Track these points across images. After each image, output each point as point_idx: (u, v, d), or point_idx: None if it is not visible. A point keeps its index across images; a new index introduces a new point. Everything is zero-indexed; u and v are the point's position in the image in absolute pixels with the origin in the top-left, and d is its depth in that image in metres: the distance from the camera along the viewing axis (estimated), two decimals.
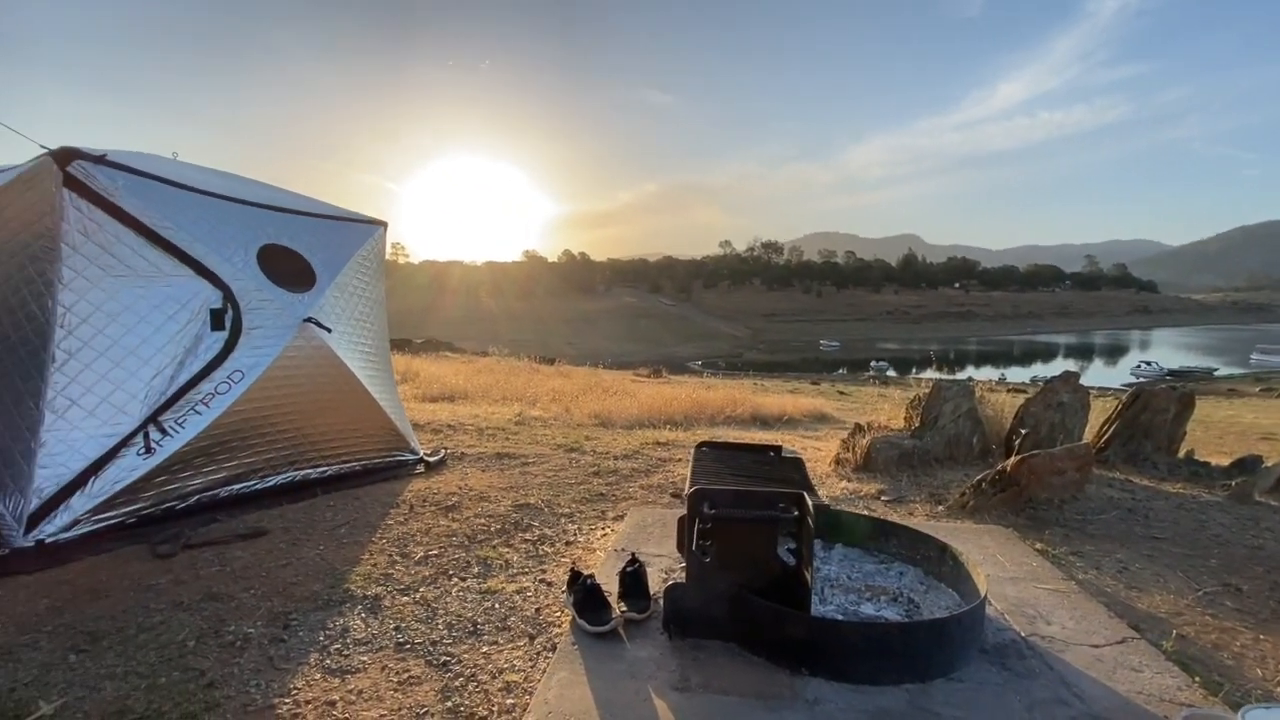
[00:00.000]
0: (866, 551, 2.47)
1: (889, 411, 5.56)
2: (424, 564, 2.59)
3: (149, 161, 2.95)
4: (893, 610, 2.07)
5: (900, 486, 3.87)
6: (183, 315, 2.78)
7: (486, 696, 1.73)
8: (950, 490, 3.72)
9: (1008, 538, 2.92)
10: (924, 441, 4.38)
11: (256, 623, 2.07)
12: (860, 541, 2.50)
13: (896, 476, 4.07)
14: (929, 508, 3.50)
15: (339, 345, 3.37)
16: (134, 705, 1.64)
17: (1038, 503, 3.36)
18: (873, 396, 12.41)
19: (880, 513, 3.35)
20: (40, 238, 2.56)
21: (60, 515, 2.51)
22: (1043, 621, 2.09)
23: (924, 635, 1.78)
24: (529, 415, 6.77)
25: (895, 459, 4.22)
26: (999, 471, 3.46)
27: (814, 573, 1.84)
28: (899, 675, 1.72)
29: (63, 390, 2.52)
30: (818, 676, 1.72)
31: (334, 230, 3.59)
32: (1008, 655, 1.88)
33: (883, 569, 2.35)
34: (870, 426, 4.72)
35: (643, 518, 3.11)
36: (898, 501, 3.61)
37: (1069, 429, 4.34)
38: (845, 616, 2.01)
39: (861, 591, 2.18)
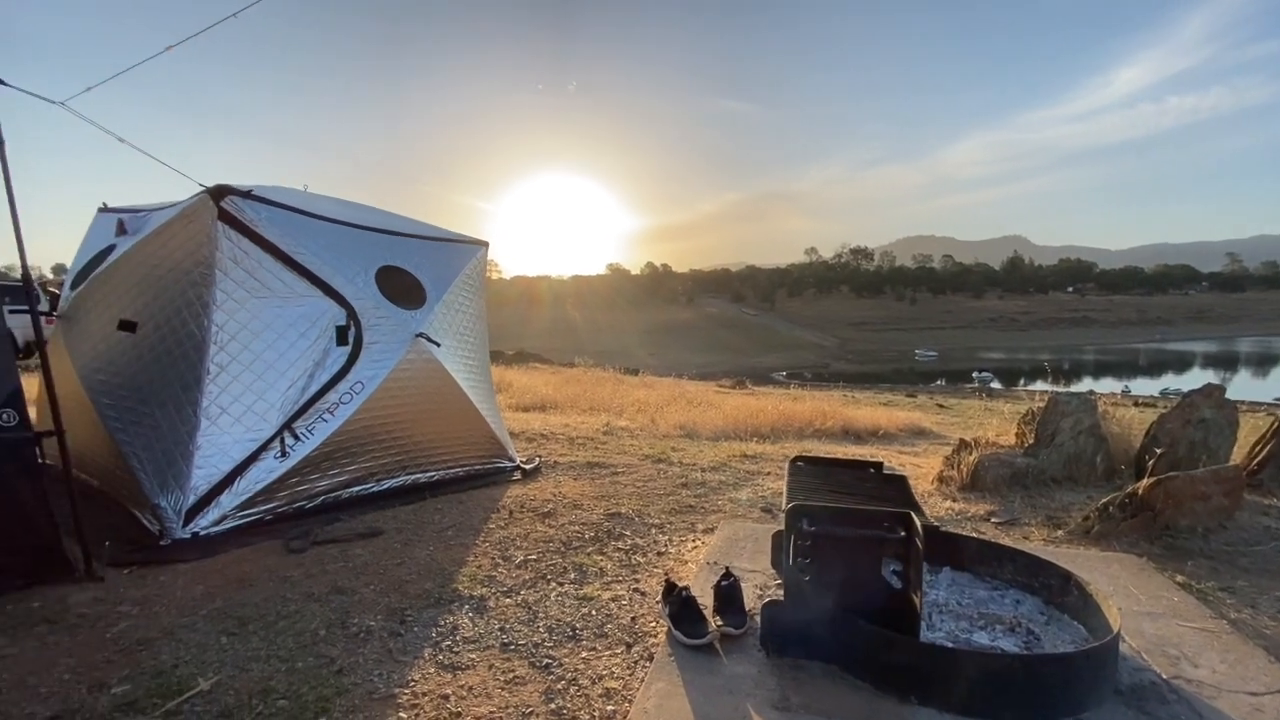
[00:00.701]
0: (977, 576, 2.33)
1: (997, 427, 5.21)
2: (524, 568, 2.70)
3: (285, 194, 3.29)
4: (1009, 641, 1.94)
5: (1012, 508, 3.61)
6: (313, 332, 3.08)
7: (587, 701, 1.77)
8: (1070, 513, 3.43)
9: (1141, 568, 2.66)
10: (1039, 460, 4.07)
11: (377, 616, 2.23)
12: (970, 565, 2.36)
13: (1008, 497, 3.80)
14: (1046, 532, 3.25)
15: (446, 358, 3.59)
16: (276, 686, 1.81)
17: (1177, 530, 3.03)
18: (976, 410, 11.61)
19: (990, 536, 3.15)
20: (199, 265, 2.92)
21: (211, 511, 2.82)
22: (1188, 663, 1.89)
23: (1049, 670, 1.66)
24: (616, 425, 6.88)
25: (1006, 478, 3.94)
26: (1129, 494, 3.15)
27: (923, 597, 1.75)
28: (1019, 711, 1.61)
29: (215, 399, 2.85)
30: (928, 706, 1.64)
31: (441, 251, 3.85)
32: (1146, 698, 1.71)
33: (996, 596, 2.21)
34: (977, 443, 4.44)
35: (734, 531, 3.08)
36: (1010, 524, 3.37)
37: (1212, 449, 3.89)
38: (956, 644, 1.91)
39: (973, 619, 2.06)
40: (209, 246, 2.88)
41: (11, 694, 1.76)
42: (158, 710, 1.69)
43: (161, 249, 3.14)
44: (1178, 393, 8.20)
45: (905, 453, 6.04)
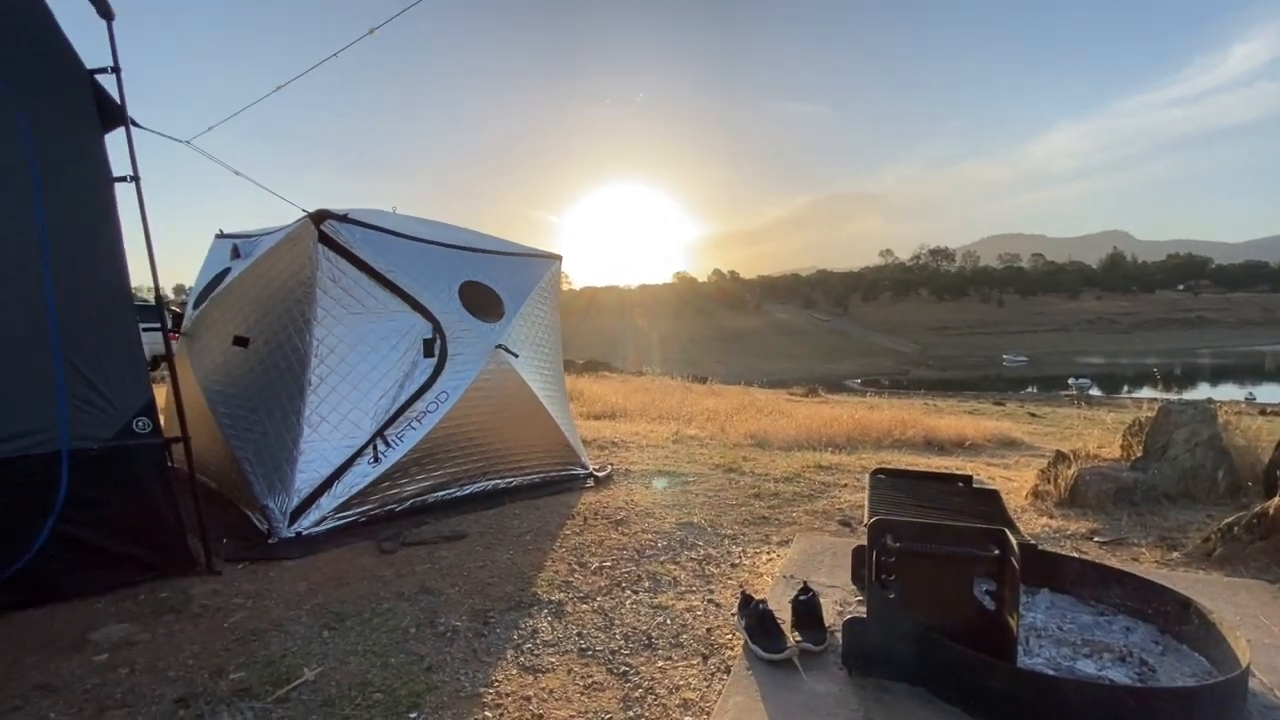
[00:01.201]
0: (1080, 600, 2.17)
1: (1098, 437, 4.84)
2: (599, 574, 2.74)
3: (376, 216, 3.52)
4: (1119, 671, 1.79)
5: (1119, 526, 3.34)
6: (402, 345, 3.27)
7: (665, 711, 1.78)
8: (1187, 534, 3.14)
9: (1274, 596, 2.39)
10: (1149, 474, 3.74)
11: (462, 616, 2.33)
12: (1072, 588, 2.21)
13: (1113, 515, 3.51)
14: (1159, 553, 2.98)
15: (523, 368, 3.72)
16: (373, 680, 1.93)
17: None
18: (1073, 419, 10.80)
19: (1094, 556, 2.92)
20: (302, 284, 3.17)
21: (313, 512, 3.04)
22: None
23: (1167, 705, 1.53)
24: (685, 434, 6.87)
25: (1111, 494, 3.65)
26: (1259, 514, 2.85)
27: (1019, 620, 1.66)
28: None
29: (316, 408, 3.07)
30: None
31: (518, 265, 4.00)
32: None
33: (1103, 622, 2.05)
34: (1076, 455, 4.14)
35: (811, 545, 3.01)
36: (1116, 544, 3.12)
37: None
38: (1058, 672, 1.78)
39: (1077, 645, 1.92)
40: (310, 267, 3.12)
41: (145, 676, 1.95)
42: (270, 696, 1.83)
43: (270, 270, 3.43)
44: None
45: (994, 465, 5.70)
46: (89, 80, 2.50)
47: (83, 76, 2.48)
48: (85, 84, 2.48)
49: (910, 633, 1.75)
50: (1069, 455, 4.00)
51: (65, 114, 2.42)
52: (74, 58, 2.46)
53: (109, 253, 2.48)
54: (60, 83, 2.42)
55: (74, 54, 2.46)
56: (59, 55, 2.42)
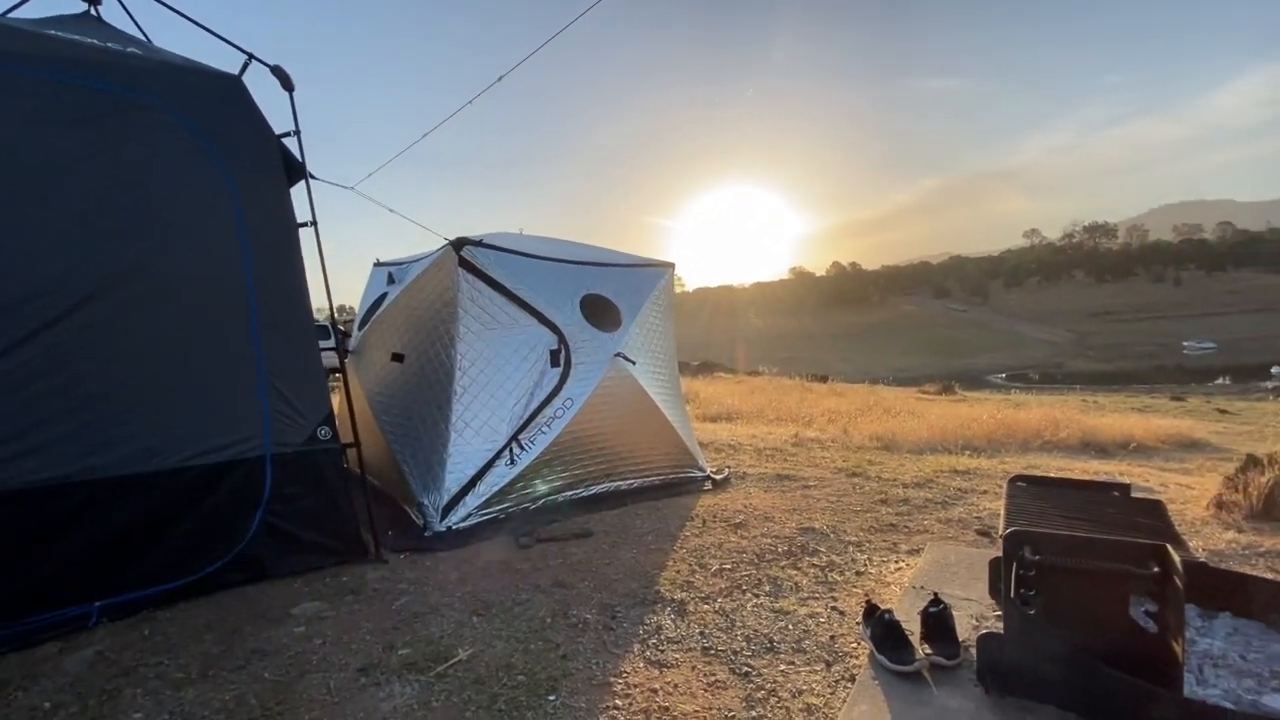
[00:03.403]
0: (1270, 626, 1.90)
1: None
2: (719, 576, 2.80)
3: (505, 239, 3.84)
4: None
5: None
6: (532, 356, 3.55)
7: (788, 714, 1.81)
8: None
9: None
10: None
11: (592, 609, 2.50)
12: (1260, 613, 1.94)
13: None
14: None
15: (641, 375, 3.88)
16: (515, 663, 2.13)
17: None
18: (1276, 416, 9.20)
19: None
20: (446, 305, 3.54)
21: (460, 509, 3.37)
22: None
23: None
24: (805, 436, 6.72)
25: None
26: None
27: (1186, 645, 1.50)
28: None
29: (461, 415, 3.41)
30: None
31: (633, 276, 4.17)
32: None
33: None
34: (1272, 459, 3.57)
35: (943, 555, 2.87)
36: None
37: None
38: (1237, 705, 1.59)
39: (1264, 678, 1.69)
40: (453, 289, 3.48)
41: (333, 647, 2.30)
42: (432, 671, 2.09)
43: (419, 293, 3.86)
44: None
45: (1169, 470, 5.04)
46: (278, 144, 2.98)
47: (273, 142, 2.96)
48: (275, 148, 2.96)
49: (1057, 653, 1.65)
50: (1263, 460, 3.46)
51: (262, 175, 2.90)
52: (266, 126, 2.95)
53: (295, 287, 2.94)
54: (257, 150, 2.91)
55: (266, 123, 2.95)
56: (256, 127, 2.91)
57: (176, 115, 2.75)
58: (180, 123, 2.75)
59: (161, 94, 2.73)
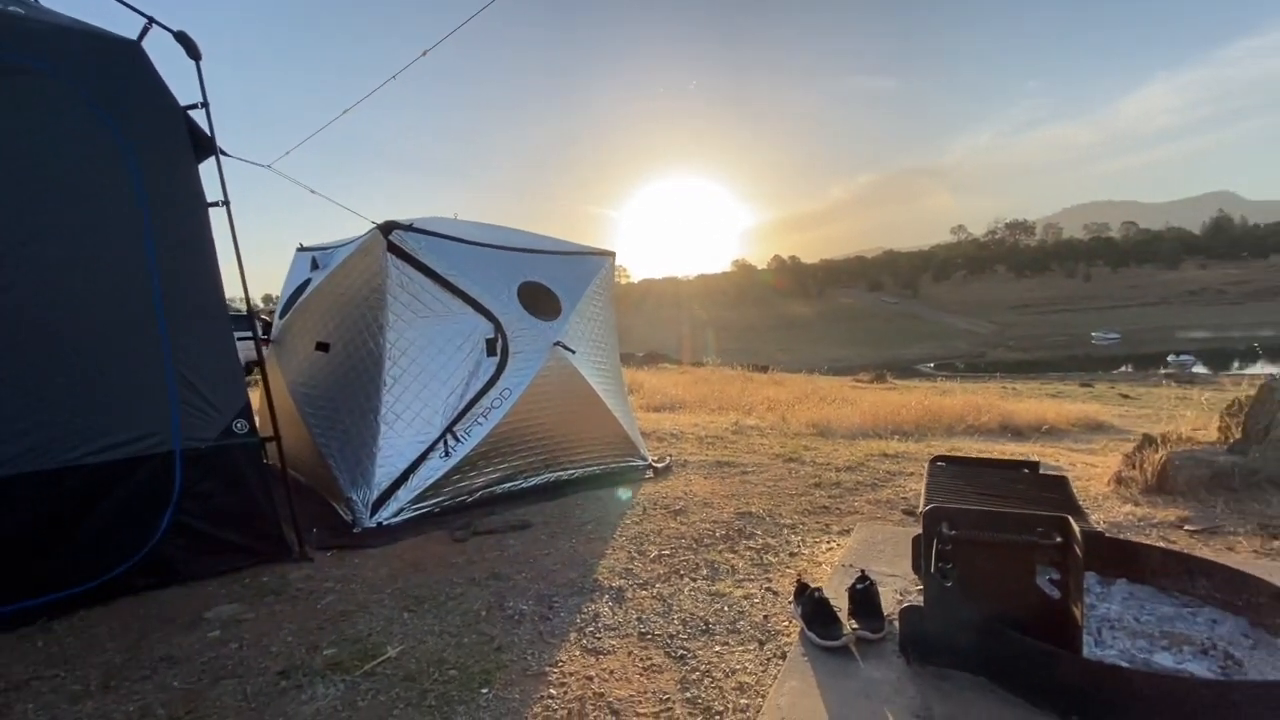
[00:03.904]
0: (1161, 590, 2.07)
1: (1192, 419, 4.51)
2: (658, 562, 2.82)
3: (438, 223, 3.71)
4: (1200, 664, 1.71)
5: (1212, 514, 3.13)
6: (467, 345, 3.45)
7: (721, 693, 1.84)
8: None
9: None
10: (1249, 458, 3.47)
11: (529, 601, 2.46)
12: (1152, 578, 2.11)
13: (1206, 501, 3.29)
14: (1258, 542, 2.78)
15: (581, 364, 3.84)
16: (448, 657, 2.08)
17: None
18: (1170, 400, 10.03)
19: (1182, 545, 2.76)
20: (374, 292, 3.39)
21: (391, 504, 3.26)
22: None
23: (1252, 701, 1.45)
24: (745, 424, 6.85)
25: (1205, 479, 3.42)
26: None
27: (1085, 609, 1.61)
28: None
29: (391, 407, 3.29)
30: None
31: (573, 264, 4.12)
32: None
33: (1186, 614, 1.95)
34: (1165, 438, 3.89)
35: (871, 534, 2.98)
36: (1208, 532, 2.93)
37: None
38: (1132, 664, 1.72)
39: (1154, 638, 1.84)
40: (381, 275, 3.34)
41: (251, 650, 2.17)
42: (358, 670, 2.01)
43: (345, 279, 3.69)
44: None
45: (1078, 450, 5.41)
46: (184, 116, 2.76)
47: (178, 114, 2.75)
48: (180, 120, 2.75)
49: (970, 622, 1.73)
50: (1157, 439, 3.76)
51: (166, 149, 2.69)
52: (170, 98, 2.73)
53: (206, 271, 2.75)
54: (160, 122, 2.69)
55: (170, 94, 2.73)
56: (158, 97, 2.69)
57: (67, 81, 2.51)
58: (71, 90, 2.51)
59: (49, 58, 2.48)
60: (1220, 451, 3.59)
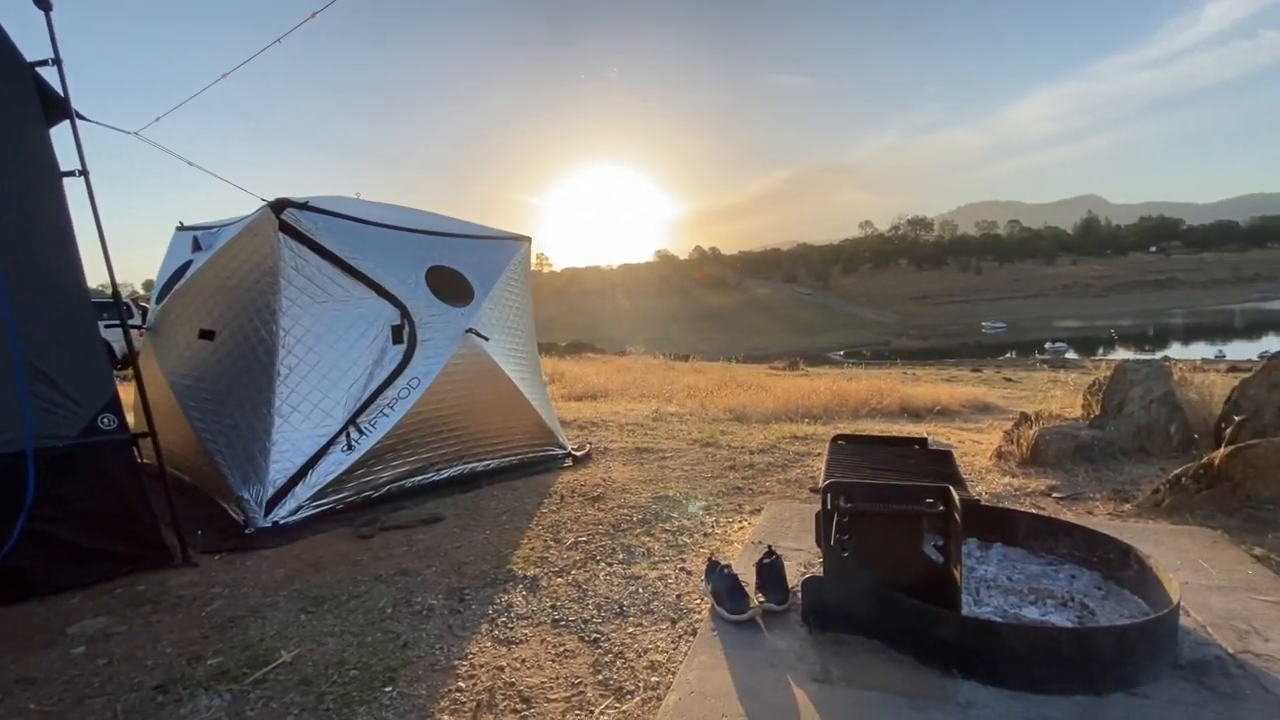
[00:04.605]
0: (1030, 552, 2.27)
1: (1061, 399, 4.99)
2: (574, 549, 2.80)
3: (338, 203, 3.49)
4: (1061, 615, 1.89)
5: (1076, 482, 3.47)
6: (370, 332, 3.27)
7: (633, 673, 1.85)
8: (1140, 487, 3.27)
9: (1214, 541, 2.52)
10: (1106, 431, 3.88)
11: (438, 595, 2.38)
12: (1023, 541, 2.31)
13: (1071, 471, 3.65)
14: (1112, 506, 3.11)
15: (495, 351, 3.74)
16: (349, 658, 1.98)
17: (1258, 501, 2.85)
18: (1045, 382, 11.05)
19: (1051, 511, 3.05)
20: (265, 274, 3.14)
21: (288, 501, 3.06)
22: (1258, 638, 1.80)
23: (1100, 643, 1.62)
24: (665, 411, 6.94)
25: (1070, 451, 3.79)
26: (1205, 465, 2.98)
27: (964, 571, 1.74)
28: (1068, 685, 1.58)
29: (286, 399, 3.07)
30: (971, 680, 1.64)
31: (486, 248, 3.99)
32: (1209, 672, 1.65)
33: (1050, 571, 2.16)
34: (1038, 416, 4.28)
35: (779, 511, 3.10)
36: (1072, 499, 3.25)
37: None
38: (1004, 619, 1.88)
39: (1024, 594, 2.02)
40: (273, 257, 3.10)
41: (123, 666, 1.98)
42: (248, 679, 1.87)
43: (232, 261, 3.40)
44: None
45: (966, 429, 5.84)
46: (30, 73, 2.44)
47: (23, 69, 2.42)
48: (26, 77, 2.42)
49: (865, 588, 1.83)
50: (1031, 417, 4.13)
51: (6, 109, 2.36)
52: (13, 50, 2.40)
53: (62, 250, 2.45)
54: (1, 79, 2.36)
55: (12, 46, 2.40)
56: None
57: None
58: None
59: None
60: (1083, 426, 3.99)
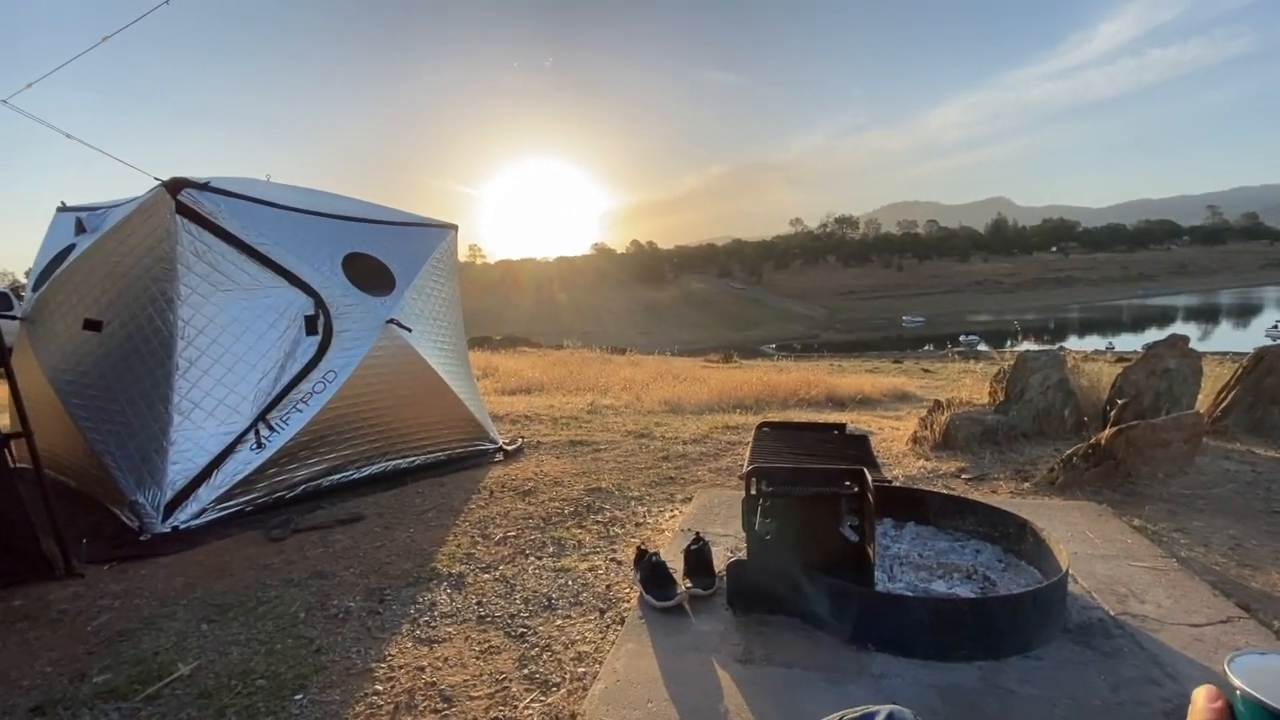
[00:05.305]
0: (940, 530, 2.40)
1: (971, 386, 5.30)
2: (503, 544, 2.75)
3: (245, 185, 3.25)
4: (966, 588, 2.01)
5: (983, 464, 3.70)
6: (281, 323, 3.07)
7: (560, 665, 1.83)
8: (1038, 466, 3.52)
9: (1100, 514, 2.75)
10: (1009, 416, 4.15)
11: (356, 597, 2.28)
12: (933, 520, 2.44)
13: (978, 454, 3.89)
14: (1014, 485, 3.34)
15: (419, 343, 3.60)
16: (255, 667, 1.86)
17: (1137, 477, 3.13)
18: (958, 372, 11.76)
19: (960, 491, 3.23)
20: (160, 260, 2.90)
21: (190, 505, 2.84)
22: (1135, 600, 1.97)
23: (998, 612, 1.73)
24: (601, 404, 6.92)
25: (977, 435, 4.03)
26: (1093, 445, 3.24)
27: (877, 549, 1.82)
28: (971, 652, 1.68)
29: (186, 394, 2.85)
30: (884, 652, 1.71)
31: (409, 236, 3.83)
32: (1093, 634, 1.79)
33: (957, 547, 2.29)
34: (951, 403, 4.53)
35: (710, 499, 3.15)
36: (979, 479, 3.46)
37: (1176, 398, 3.99)
38: (915, 594, 1.98)
39: (933, 569, 2.13)
40: (169, 241, 2.86)
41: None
42: (138, 695, 1.73)
43: (121, 245, 3.11)
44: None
45: (886, 416, 6.13)
46: None
47: None
48: None
49: (786, 569, 1.88)
50: (944, 404, 4.36)
51: None
52: None
53: None
54: None
55: None
56: None
57: None
58: None
59: None
60: (989, 412, 4.26)
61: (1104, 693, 1.55)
